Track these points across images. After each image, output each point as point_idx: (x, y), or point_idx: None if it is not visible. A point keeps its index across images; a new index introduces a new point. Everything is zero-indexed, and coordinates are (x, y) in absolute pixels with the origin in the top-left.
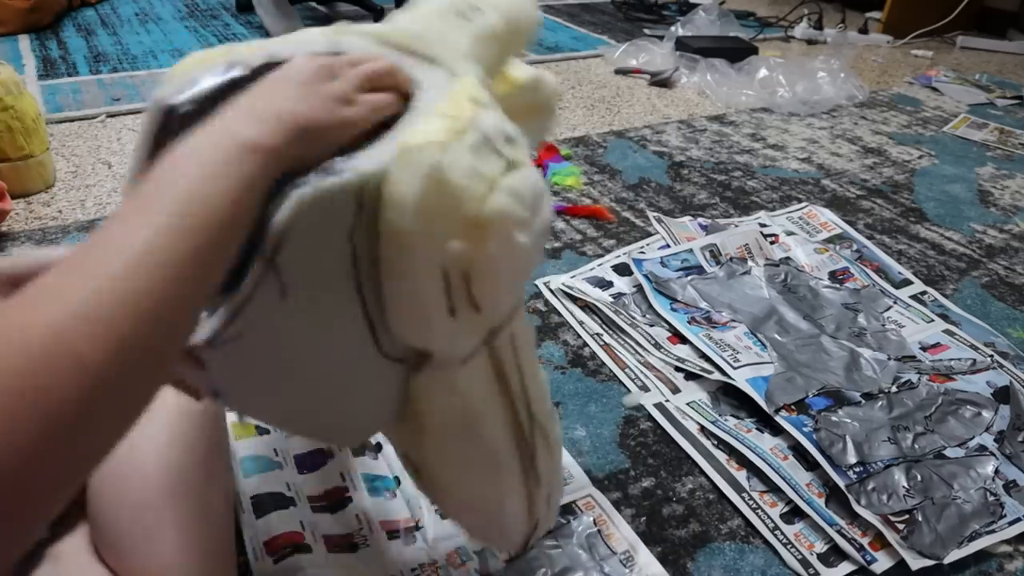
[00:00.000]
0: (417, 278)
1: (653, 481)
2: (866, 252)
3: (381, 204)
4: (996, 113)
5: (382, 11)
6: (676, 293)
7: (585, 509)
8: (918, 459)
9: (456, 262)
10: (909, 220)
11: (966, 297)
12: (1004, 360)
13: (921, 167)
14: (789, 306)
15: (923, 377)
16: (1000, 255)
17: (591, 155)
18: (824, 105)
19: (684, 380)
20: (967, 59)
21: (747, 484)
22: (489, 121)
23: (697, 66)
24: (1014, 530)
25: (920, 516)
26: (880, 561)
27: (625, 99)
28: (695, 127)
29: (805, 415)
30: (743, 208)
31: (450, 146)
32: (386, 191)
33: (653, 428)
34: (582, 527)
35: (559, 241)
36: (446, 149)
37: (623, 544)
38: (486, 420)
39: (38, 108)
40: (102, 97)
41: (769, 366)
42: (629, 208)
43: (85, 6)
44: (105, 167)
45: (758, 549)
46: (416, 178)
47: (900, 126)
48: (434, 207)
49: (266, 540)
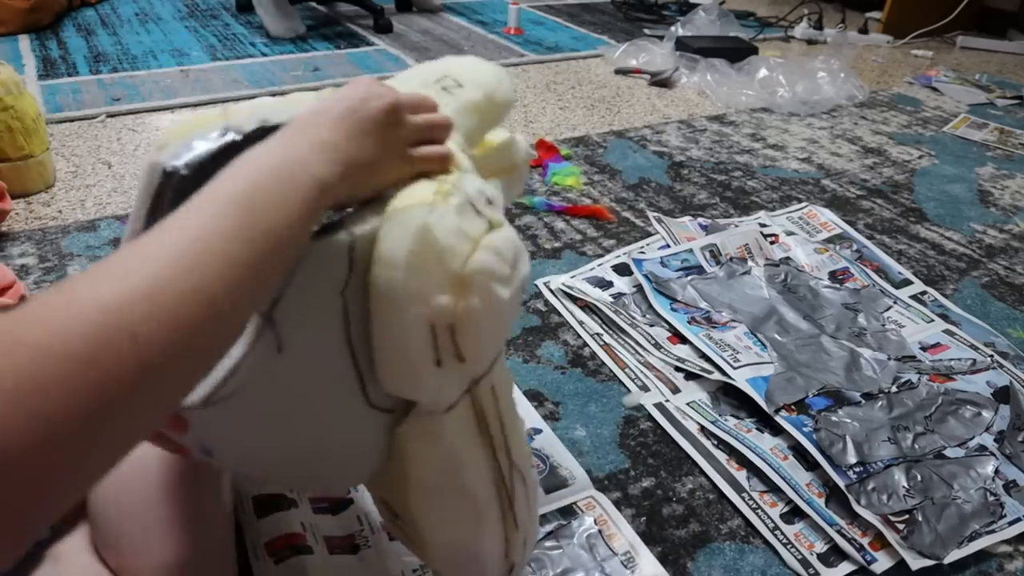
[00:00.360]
0: (405, 331)
1: (653, 481)
2: (866, 252)
3: (372, 261)
4: (996, 113)
5: (382, 11)
6: (676, 293)
7: (586, 510)
8: (918, 459)
9: (442, 315)
10: (909, 220)
11: (966, 297)
12: (1004, 360)
13: (921, 167)
14: (789, 306)
15: (923, 377)
16: (1000, 255)
17: (591, 155)
18: (824, 105)
19: (684, 380)
20: (967, 59)
21: (747, 484)
22: (472, 185)
23: (697, 66)
24: (1014, 530)
25: (920, 516)
26: (880, 561)
27: (625, 99)
28: (695, 127)
29: (805, 415)
30: (743, 208)
31: (437, 207)
32: (377, 249)
33: (653, 428)
34: (583, 528)
35: (559, 241)
36: (434, 209)
37: (624, 545)
38: (468, 466)
39: (38, 108)
40: (102, 97)
41: (769, 366)
42: (629, 208)
43: (85, 6)
44: (105, 167)
45: (758, 549)
46: (405, 236)
47: (900, 126)
48: (422, 263)
49: (267, 541)
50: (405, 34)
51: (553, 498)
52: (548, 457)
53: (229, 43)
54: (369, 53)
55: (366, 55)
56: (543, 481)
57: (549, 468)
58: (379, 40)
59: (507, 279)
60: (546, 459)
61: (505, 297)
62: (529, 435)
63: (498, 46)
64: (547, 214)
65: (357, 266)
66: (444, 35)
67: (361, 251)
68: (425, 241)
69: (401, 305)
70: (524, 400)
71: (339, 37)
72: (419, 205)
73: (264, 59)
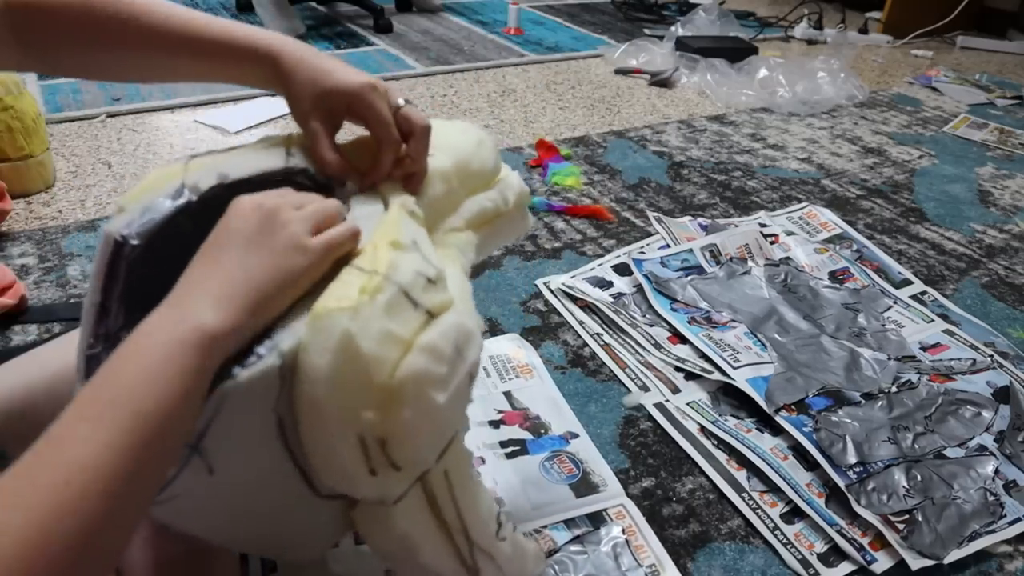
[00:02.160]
0: (334, 443)
1: (653, 481)
2: (866, 252)
3: (296, 374)
4: (996, 113)
5: (382, 11)
6: (676, 293)
7: (616, 518)
8: (918, 459)
9: (371, 430)
10: (909, 220)
11: (966, 297)
12: (1004, 360)
13: (921, 167)
14: (789, 306)
15: (923, 377)
16: (1000, 255)
17: (591, 155)
18: (824, 105)
19: (684, 380)
20: (967, 59)
21: (747, 484)
22: (409, 268)
23: (697, 66)
24: (1014, 530)
25: (920, 516)
26: (880, 561)
27: (625, 99)
28: (695, 127)
29: (805, 415)
30: (743, 208)
31: (362, 310)
32: (300, 361)
33: (653, 428)
34: (611, 536)
35: (559, 241)
36: (357, 314)
37: (651, 558)
38: (423, 548)
39: (38, 108)
40: (102, 97)
41: (769, 366)
42: (629, 208)
43: None
44: (105, 167)
45: (758, 549)
46: (327, 349)
47: (900, 126)
48: (346, 378)
49: None
50: (405, 34)
51: (583, 503)
52: (582, 462)
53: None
54: (369, 53)
55: (366, 55)
56: (574, 486)
57: (581, 473)
58: (379, 40)
59: (444, 380)
60: (579, 464)
61: (441, 402)
62: (565, 439)
63: (498, 46)
64: (547, 214)
65: (287, 381)
66: (444, 35)
67: (289, 366)
68: (348, 353)
69: (327, 420)
70: (563, 402)
71: (339, 37)
72: (340, 310)
73: None
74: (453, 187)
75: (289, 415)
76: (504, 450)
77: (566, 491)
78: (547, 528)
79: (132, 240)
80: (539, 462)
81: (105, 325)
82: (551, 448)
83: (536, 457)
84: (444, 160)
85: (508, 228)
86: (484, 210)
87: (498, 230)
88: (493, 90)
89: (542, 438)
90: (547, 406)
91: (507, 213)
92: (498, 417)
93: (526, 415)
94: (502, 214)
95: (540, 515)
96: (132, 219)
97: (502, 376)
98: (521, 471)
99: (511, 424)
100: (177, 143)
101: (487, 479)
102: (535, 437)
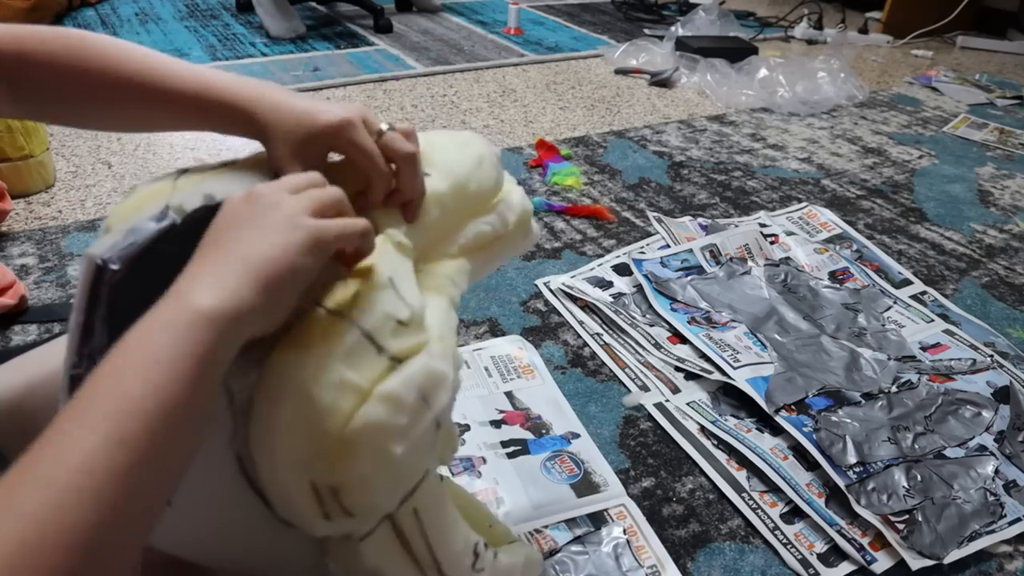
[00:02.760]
0: (287, 489)
1: (653, 481)
2: (866, 252)
3: (249, 418)
4: (996, 113)
5: (382, 11)
6: (676, 293)
7: (617, 518)
8: (918, 459)
9: (322, 479)
10: (909, 220)
11: (966, 297)
12: (1004, 360)
13: (921, 167)
14: (789, 306)
15: (923, 377)
16: (1000, 255)
17: (591, 155)
18: (824, 105)
19: (684, 380)
20: (967, 59)
21: (747, 484)
22: (378, 310)
23: (697, 66)
24: (1014, 530)
25: (920, 516)
26: (880, 561)
27: (625, 99)
28: (695, 127)
29: (805, 415)
30: (743, 208)
31: (319, 356)
32: (254, 403)
33: (653, 428)
34: (612, 536)
35: (559, 241)
36: (314, 360)
37: (652, 559)
38: None
39: None
40: None
41: (769, 366)
42: (629, 208)
43: (85, 6)
44: (105, 167)
45: (758, 549)
46: (280, 395)
47: (900, 126)
48: (298, 426)
49: None
50: (405, 34)
51: (584, 503)
52: (584, 462)
53: (229, 43)
54: (369, 53)
55: (366, 55)
56: (576, 485)
57: (583, 473)
58: (379, 40)
59: (403, 431)
60: (581, 464)
61: (398, 453)
62: (567, 439)
63: (498, 46)
64: (547, 214)
65: (239, 419)
66: (444, 35)
67: (241, 404)
68: (300, 401)
69: (278, 465)
70: (565, 403)
71: (339, 37)
72: (296, 355)
73: (264, 59)
74: (449, 211)
75: (248, 452)
76: (505, 450)
77: (567, 491)
78: (548, 528)
79: (112, 265)
80: (540, 462)
81: (89, 346)
82: (552, 448)
83: (537, 457)
84: (439, 183)
85: (508, 249)
86: (481, 235)
87: (497, 253)
88: (493, 90)
89: (543, 438)
90: (548, 406)
91: (507, 235)
92: (499, 417)
93: (527, 415)
94: (501, 237)
95: (541, 515)
96: (116, 241)
97: (504, 376)
98: (522, 471)
99: (512, 424)
100: (177, 143)
101: (488, 479)
102: (536, 437)
